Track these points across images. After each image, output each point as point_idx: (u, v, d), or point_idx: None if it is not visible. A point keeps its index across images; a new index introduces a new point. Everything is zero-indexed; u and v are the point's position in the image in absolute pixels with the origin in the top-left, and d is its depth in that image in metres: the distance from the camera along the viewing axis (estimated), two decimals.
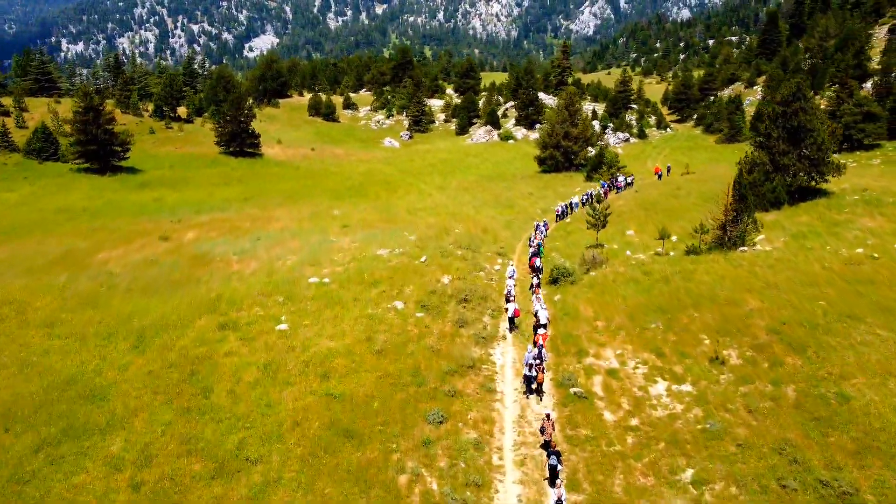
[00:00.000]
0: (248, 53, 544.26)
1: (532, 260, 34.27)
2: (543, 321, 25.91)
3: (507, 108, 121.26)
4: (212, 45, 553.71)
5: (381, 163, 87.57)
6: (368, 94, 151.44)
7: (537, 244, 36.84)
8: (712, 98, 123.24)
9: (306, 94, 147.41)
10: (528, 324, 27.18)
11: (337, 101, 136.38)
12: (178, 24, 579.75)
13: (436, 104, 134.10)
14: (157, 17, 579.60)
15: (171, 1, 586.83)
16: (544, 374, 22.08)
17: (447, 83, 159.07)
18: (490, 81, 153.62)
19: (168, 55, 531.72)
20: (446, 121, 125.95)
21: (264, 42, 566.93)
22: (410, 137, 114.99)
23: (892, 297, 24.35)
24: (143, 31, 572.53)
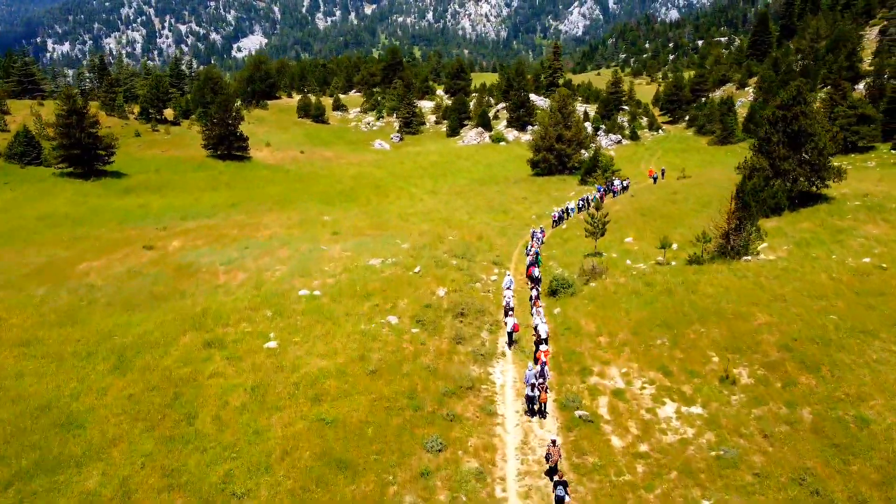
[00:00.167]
0: (236, 54, 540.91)
1: (530, 269, 33.19)
2: (543, 335, 24.90)
3: (498, 110, 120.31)
4: (200, 45, 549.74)
5: (372, 166, 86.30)
6: (358, 96, 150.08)
7: (534, 253, 35.74)
8: (704, 99, 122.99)
9: (295, 95, 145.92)
10: (528, 339, 26.15)
11: (326, 102, 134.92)
12: (166, 25, 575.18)
13: (426, 105, 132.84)
14: (144, 17, 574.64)
15: (158, 1, 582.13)
16: (547, 393, 21.07)
17: (437, 84, 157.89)
18: (480, 82, 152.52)
19: (155, 55, 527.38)
20: (437, 122, 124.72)
21: (253, 42, 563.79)
22: (401, 139, 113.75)
23: None
24: (129, 32, 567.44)
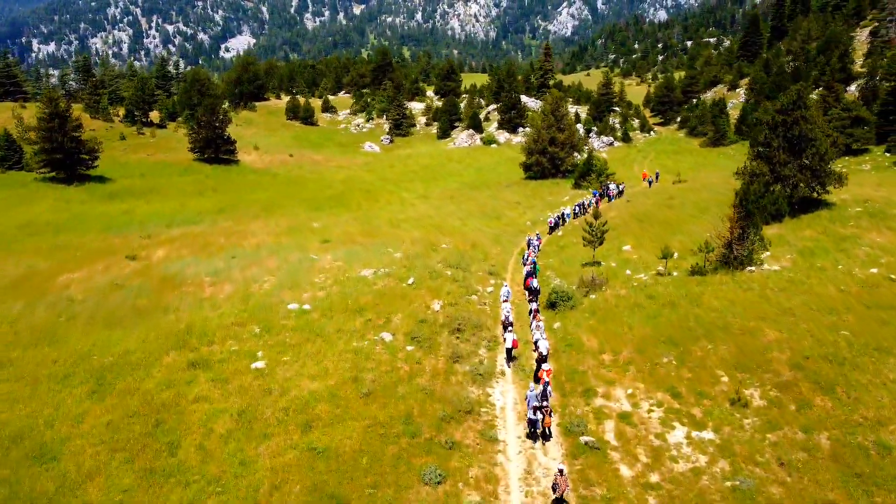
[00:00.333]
0: (224, 54, 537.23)
1: (527, 280, 32.12)
2: (544, 351, 23.88)
3: (489, 112, 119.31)
4: (187, 45, 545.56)
5: (362, 169, 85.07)
6: (347, 97, 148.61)
7: (532, 262, 34.69)
8: (695, 101, 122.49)
9: (284, 96, 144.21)
10: (528, 356, 25.11)
11: (315, 104, 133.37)
12: (153, 25, 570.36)
13: (416, 107, 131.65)
14: (130, 17, 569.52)
15: (145, 1, 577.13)
16: (551, 416, 20.04)
17: (427, 85, 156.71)
18: (470, 83, 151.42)
19: (143, 55, 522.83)
20: (427, 124, 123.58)
21: (241, 42, 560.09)
22: (391, 142, 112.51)
23: None
24: (116, 32, 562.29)
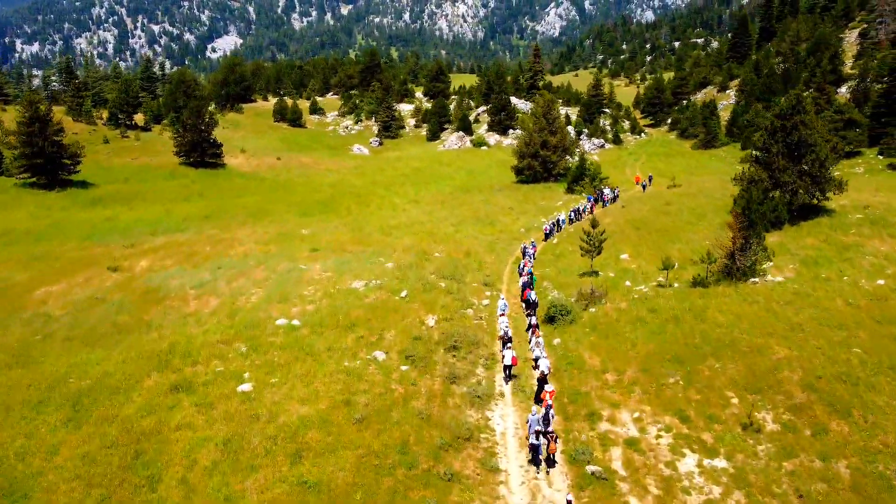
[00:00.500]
0: (210, 54, 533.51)
1: (525, 293, 31.08)
2: (545, 370, 22.86)
3: (478, 114, 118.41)
4: (173, 45, 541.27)
5: (351, 172, 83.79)
6: (336, 98, 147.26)
7: (528, 273, 33.67)
8: (685, 102, 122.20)
9: (271, 98, 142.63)
10: (528, 375, 24.10)
11: (303, 105, 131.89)
12: (138, 25, 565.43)
13: (405, 109, 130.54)
14: (115, 17, 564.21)
15: (130, 0, 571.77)
16: (557, 443, 19.00)
17: (416, 86, 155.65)
18: (459, 84, 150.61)
19: (128, 56, 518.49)
20: (416, 126, 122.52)
21: (227, 43, 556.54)
22: (380, 144, 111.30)
23: None
24: (101, 32, 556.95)
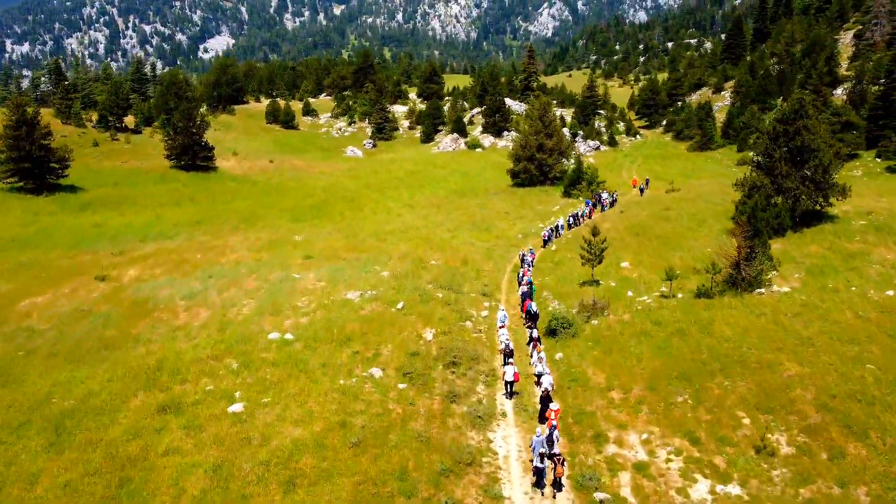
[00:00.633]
0: (203, 55, 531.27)
1: (525, 304, 30.24)
2: (548, 387, 22.01)
3: (473, 115, 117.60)
4: (165, 46, 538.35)
5: (345, 175, 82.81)
6: (329, 100, 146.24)
7: (528, 282, 32.84)
8: (680, 104, 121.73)
9: (264, 99, 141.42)
10: (530, 392, 23.27)
11: (296, 107, 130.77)
12: (130, 25, 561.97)
13: (399, 110, 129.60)
14: (107, 17, 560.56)
15: (121, 0, 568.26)
16: (564, 466, 18.12)
17: (409, 87, 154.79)
18: (453, 85, 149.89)
19: (119, 56, 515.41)
20: (410, 128, 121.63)
21: (220, 43, 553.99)
22: (374, 146, 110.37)
23: None
24: (92, 32, 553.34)
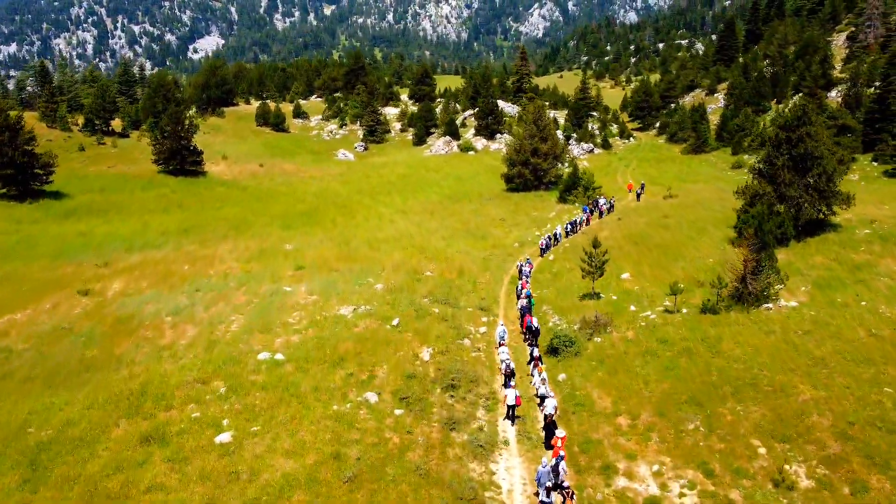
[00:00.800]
0: (192, 55, 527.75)
1: (525, 320, 29.21)
2: (551, 411, 20.99)
3: (465, 118, 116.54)
4: (154, 46, 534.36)
5: (336, 180, 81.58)
6: (320, 102, 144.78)
7: (526, 295, 31.81)
8: (674, 106, 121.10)
9: (253, 101, 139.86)
10: (533, 418, 22.24)
11: (286, 109, 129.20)
12: (118, 25, 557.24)
13: (391, 112, 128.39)
14: (95, 18, 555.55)
15: (109, 0, 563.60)
16: (573, 499, 17.12)
17: (401, 88, 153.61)
18: (444, 86, 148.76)
19: (108, 57, 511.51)
20: (402, 130, 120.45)
21: (209, 43, 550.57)
22: (365, 149, 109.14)
23: None
24: (80, 32, 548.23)
